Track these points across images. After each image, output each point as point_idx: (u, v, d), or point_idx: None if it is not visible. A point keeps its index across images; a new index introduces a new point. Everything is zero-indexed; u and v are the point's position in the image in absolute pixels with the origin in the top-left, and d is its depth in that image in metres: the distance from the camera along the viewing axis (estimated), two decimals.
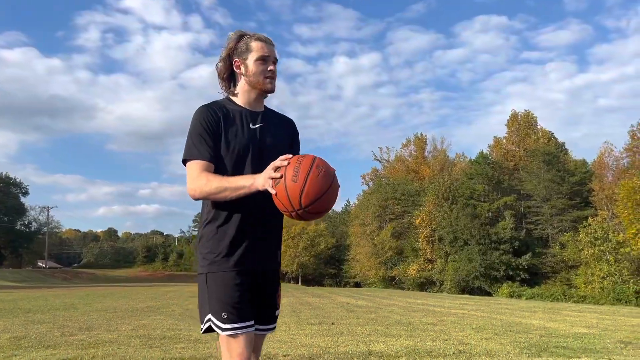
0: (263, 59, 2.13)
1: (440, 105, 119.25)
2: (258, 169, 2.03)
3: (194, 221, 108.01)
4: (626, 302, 25.74)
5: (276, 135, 2.20)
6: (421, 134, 57.39)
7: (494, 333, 8.18)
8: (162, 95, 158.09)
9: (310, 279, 61.83)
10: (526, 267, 37.05)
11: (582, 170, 40.66)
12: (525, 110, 47.50)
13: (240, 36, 2.18)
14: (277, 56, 2.20)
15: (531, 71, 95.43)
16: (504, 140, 47.65)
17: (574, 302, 27.29)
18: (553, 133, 46.11)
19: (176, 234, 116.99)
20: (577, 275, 32.87)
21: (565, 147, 44.44)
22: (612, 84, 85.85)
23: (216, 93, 2.24)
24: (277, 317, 2.20)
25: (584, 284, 30.65)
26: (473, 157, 46.14)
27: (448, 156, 55.22)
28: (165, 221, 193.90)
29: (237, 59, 2.17)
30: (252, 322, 2.03)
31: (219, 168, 2.06)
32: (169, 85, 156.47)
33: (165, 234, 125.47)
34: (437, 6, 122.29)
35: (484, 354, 5.92)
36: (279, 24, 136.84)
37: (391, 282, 48.01)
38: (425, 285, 43.02)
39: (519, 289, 34.00)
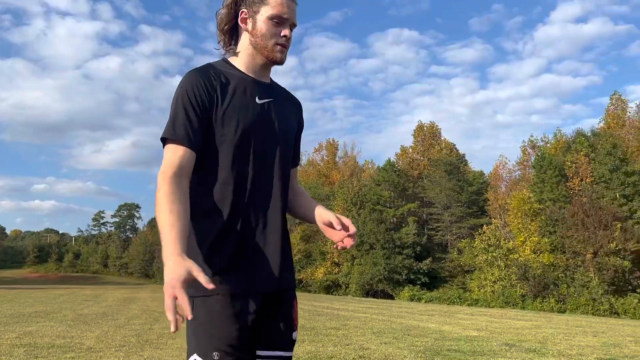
0: (279, 20, 1.63)
1: (352, 113, 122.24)
2: (263, 158, 1.63)
3: (94, 219, 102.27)
4: (513, 304, 27.84)
5: (286, 117, 1.73)
6: (333, 140, 58.54)
7: (393, 337, 8.48)
8: (64, 84, 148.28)
9: None
10: (426, 271, 38.91)
11: (479, 181, 43.48)
12: (430, 122, 50.12)
13: None
14: (297, 21, 1.69)
15: (438, 85, 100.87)
16: (410, 150, 49.81)
17: (468, 305, 29.05)
18: (455, 145, 49.03)
19: (73, 233, 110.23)
20: (471, 279, 35.06)
21: (465, 158, 47.38)
22: (509, 101, 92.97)
23: (128, 86, 1.72)
24: (294, 341, 1.70)
25: (478, 287, 32.75)
26: (381, 164, 47.82)
27: (358, 162, 56.75)
28: (62, 219, 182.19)
29: (245, 10, 1.66)
30: None
31: (211, 156, 1.58)
32: (72, 75, 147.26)
33: (60, 232, 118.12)
34: (353, 16, 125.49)
35: (382, 358, 6.11)
36: (195, 19, 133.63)
37: (299, 285, 48.34)
38: (331, 288, 43.78)
39: (419, 292, 35.60)
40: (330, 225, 1.69)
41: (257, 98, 1.65)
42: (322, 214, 1.73)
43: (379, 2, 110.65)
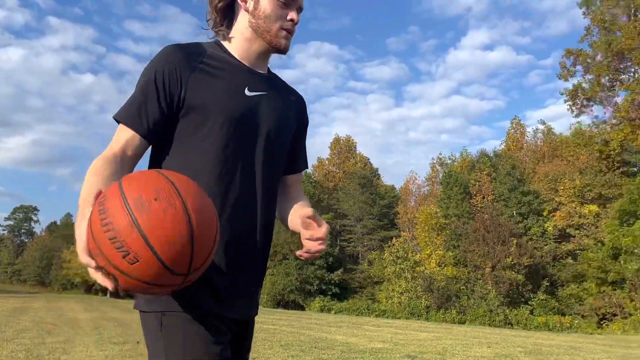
0: (286, 0, 1.43)
1: None
2: (246, 158, 1.38)
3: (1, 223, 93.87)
4: (418, 316, 28.93)
5: (281, 114, 1.48)
6: None
7: (300, 350, 8.49)
8: None
9: None
10: (337, 282, 39.51)
11: (390, 195, 45.02)
12: (346, 136, 51.37)
13: None
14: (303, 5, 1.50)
15: (355, 99, 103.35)
16: (327, 162, 50.61)
17: (376, 315, 29.81)
18: (369, 159, 50.49)
19: None
20: (380, 290, 36.06)
21: (379, 172, 48.97)
22: (421, 120, 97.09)
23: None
24: None
25: (385, 298, 33.74)
26: None
27: None
28: None
29: None
30: None
31: (181, 151, 1.35)
32: None
33: None
34: None
35: None
36: (109, 16, 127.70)
37: None
38: None
39: (329, 303, 36.05)
40: (305, 223, 1.35)
41: (246, 89, 1.41)
42: (301, 213, 1.39)
43: (302, 15, 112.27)
